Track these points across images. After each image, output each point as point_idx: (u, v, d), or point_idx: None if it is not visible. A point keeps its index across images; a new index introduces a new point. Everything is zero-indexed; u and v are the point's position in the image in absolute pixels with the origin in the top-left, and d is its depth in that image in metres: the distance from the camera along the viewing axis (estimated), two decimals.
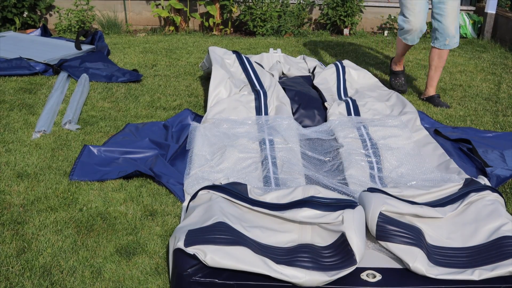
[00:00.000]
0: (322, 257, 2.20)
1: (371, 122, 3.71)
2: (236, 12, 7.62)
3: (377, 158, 3.22)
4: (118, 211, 2.69)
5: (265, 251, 2.19)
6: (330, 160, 3.29)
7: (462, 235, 2.39)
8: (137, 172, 3.00)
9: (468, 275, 2.13)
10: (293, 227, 2.38)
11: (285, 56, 5.10)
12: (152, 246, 2.42)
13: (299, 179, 2.98)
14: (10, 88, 4.55)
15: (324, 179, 2.97)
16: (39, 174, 3.05)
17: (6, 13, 7.05)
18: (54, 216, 2.62)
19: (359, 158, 3.22)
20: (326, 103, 4.08)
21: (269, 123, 3.62)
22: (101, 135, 3.65)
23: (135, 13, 7.96)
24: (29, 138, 3.54)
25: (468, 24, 7.46)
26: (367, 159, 3.23)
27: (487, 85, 5.10)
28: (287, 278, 2.05)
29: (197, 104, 4.38)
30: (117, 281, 2.19)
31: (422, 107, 4.43)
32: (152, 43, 6.71)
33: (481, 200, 2.54)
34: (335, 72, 4.62)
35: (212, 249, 2.07)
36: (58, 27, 7.30)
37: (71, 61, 5.08)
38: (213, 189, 2.55)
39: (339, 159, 3.25)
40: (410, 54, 6.39)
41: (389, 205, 2.33)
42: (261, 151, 3.28)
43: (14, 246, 2.38)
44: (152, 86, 4.81)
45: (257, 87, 4.18)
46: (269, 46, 6.56)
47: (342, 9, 7.39)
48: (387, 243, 2.23)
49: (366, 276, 2.15)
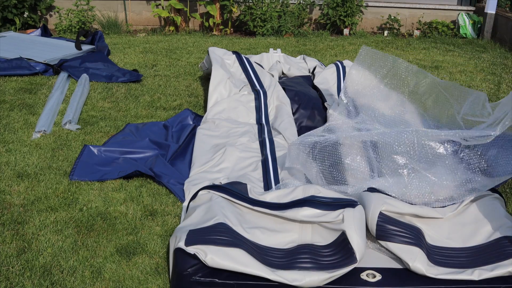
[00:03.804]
0: (322, 256, 2.20)
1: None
2: (236, 12, 7.62)
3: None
4: (118, 211, 2.70)
5: (264, 254, 2.19)
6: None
7: (462, 235, 2.39)
8: (137, 172, 3.01)
9: (468, 275, 2.14)
10: (293, 227, 2.38)
11: (285, 56, 5.11)
12: (152, 246, 2.42)
13: (300, 178, 2.98)
14: (10, 88, 4.55)
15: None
16: (39, 174, 3.05)
17: (7, 13, 7.05)
18: (54, 216, 2.63)
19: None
20: (326, 103, 4.08)
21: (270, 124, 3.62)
22: (101, 135, 3.65)
23: (135, 13, 7.96)
24: (29, 138, 3.54)
25: (468, 24, 7.46)
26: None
27: (487, 85, 5.10)
28: (287, 281, 2.05)
29: (197, 104, 4.38)
30: (117, 281, 2.19)
31: None
32: (152, 43, 6.71)
33: (481, 200, 2.54)
34: (335, 72, 4.62)
35: (212, 249, 2.07)
36: (58, 27, 7.30)
37: (71, 61, 5.09)
38: (213, 189, 2.55)
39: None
40: (410, 54, 6.40)
41: (389, 205, 2.33)
42: (262, 151, 3.28)
43: (14, 246, 2.38)
44: (152, 86, 4.81)
45: (257, 87, 4.18)
46: (269, 46, 6.56)
47: (342, 9, 7.39)
48: (387, 242, 2.24)
49: (366, 276, 2.15)
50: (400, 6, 7.89)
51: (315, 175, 2.83)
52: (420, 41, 7.19)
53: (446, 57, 6.24)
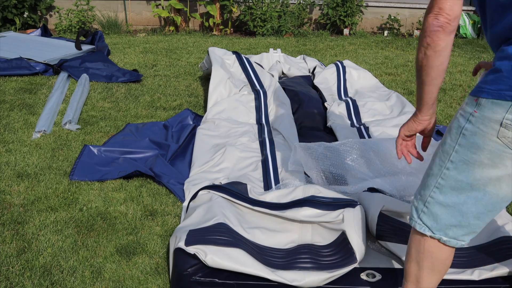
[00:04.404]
0: (322, 256, 2.20)
1: (371, 123, 3.71)
2: (236, 12, 7.62)
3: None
4: (118, 211, 2.70)
5: (264, 254, 2.19)
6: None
7: None
8: (137, 172, 3.01)
9: (468, 275, 2.13)
10: (293, 227, 2.38)
11: (285, 56, 5.11)
12: (152, 246, 2.42)
13: (300, 178, 2.98)
14: (10, 88, 4.55)
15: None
16: (39, 174, 3.05)
17: (7, 14, 7.05)
18: (54, 216, 2.63)
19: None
20: (326, 103, 4.08)
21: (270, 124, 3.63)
22: (101, 135, 3.65)
23: (135, 13, 7.96)
24: (29, 138, 3.54)
25: (468, 24, 7.46)
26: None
27: None
28: (287, 281, 2.05)
29: (197, 104, 4.38)
30: (117, 281, 2.19)
31: None
32: (152, 43, 6.71)
33: None
34: (335, 72, 4.62)
35: (212, 249, 2.07)
36: (58, 27, 7.30)
37: (71, 61, 5.09)
38: (213, 189, 2.55)
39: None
40: (410, 54, 6.40)
41: (389, 204, 2.33)
42: (262, 151, 3.28)
43: (14, 246, 2.38)
44: (152, 86, 4.81)
45: (257, 87, 4.18)
46: (269, 46, 6.56)
47: (342, 9, 7.39)
48: (387, 242, 2.24)
49: (366, 276, 2.15)
50: (400, 6, 7.89)
51: (315, 174, 2.83)
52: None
53: None
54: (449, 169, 1.57)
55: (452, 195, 1.58)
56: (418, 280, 1.75)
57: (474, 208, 1.57)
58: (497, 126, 1.44)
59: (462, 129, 1.52)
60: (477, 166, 1.51)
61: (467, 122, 1.50)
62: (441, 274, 1.74)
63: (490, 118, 1.45)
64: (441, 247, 1.67)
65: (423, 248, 1.69)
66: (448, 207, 1.60)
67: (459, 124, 1.53)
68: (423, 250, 1.69)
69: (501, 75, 1.44)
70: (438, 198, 1.61)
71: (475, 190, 1.55)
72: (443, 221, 1.62)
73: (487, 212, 1.59)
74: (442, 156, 1.59)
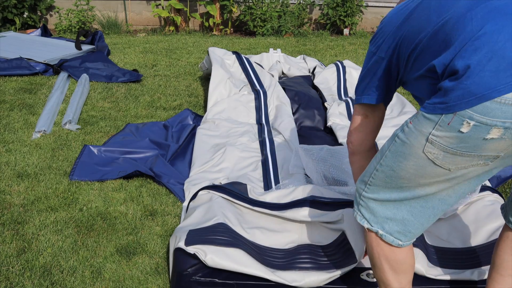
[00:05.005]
0: (322, 256, 2.20)
1: None
2: (236, 12, 7.63)
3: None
4: (118, 211, 2.70)
5: (264, 254, 2.19)
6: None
7: (462, 235, 2.39)
8: (137, 172, 3.01)
9: (468, 275, 2.13)
10: (293, 227, 2.38)
11: (285, 56, 5.11)
12: (152, 246, 2.42)
13: (300, 179, 2.98)
14: (10, 88, 4.55)
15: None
16: (39, 174, 3.05)
17: (7, 14, 7.05)
18: (54, 216, 2.63)
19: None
20: (326, 103, 4.08)
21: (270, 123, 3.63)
22: (101, 135, 3.65)
23: (135, 13, 7.96)
24: (29, 138, 3.54)
25: None
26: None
27: None
28: (287, 282, 2.05)
29: (197, 104, 4.38)
30: (117, 281, 2.19)
31: None
32: (152, 43, 6.72)
33: (481, 200, 2.54)
34: (335, 72, 4.62)
35: (212, 249, 2.07)
36: (58, 27, 7.30)
37: (71, 61, 5.09)
38: (213, 189, 2.55)
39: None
40: None
41: None
42: (262, 151, 3.28)
43: (14, 246, 2.38)
44: (152, 86, 4.81)
45: (257, 86, 4.18)
46: (269, 46, 6.56)
47: (342, 9, 7.40)
48: None
49: (366, 276, 2.15)
50: None
51: (316, 175, 2.83)
52: None
53: None
54: (378, 170, 1.62)
55: (385, 193, 1.63)
56: (385, 282, 1.78)
57: (404, 206, 1.62)
58: (424, 140, 1.45)
59: (395, 137, 1.54)
60: (403, 174, 1.54)
61: (401, 131, 1.52)
62: (407, 274, 1.76)
63: (420, 131, 1.45)
64: (393, 248, 1.71)
65: (377, 253, 1.74)
66: (382, 201, 1.65)
67: (396, 131, 1.55)
68: (378, 255, 1.74)
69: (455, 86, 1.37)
70: (371, 195, 1.67)
71: (405, 191, 1.59)
72: (379, 213, 1.67)
73: (420, 213, 1.62)
74: (377, 156, 1.64)
